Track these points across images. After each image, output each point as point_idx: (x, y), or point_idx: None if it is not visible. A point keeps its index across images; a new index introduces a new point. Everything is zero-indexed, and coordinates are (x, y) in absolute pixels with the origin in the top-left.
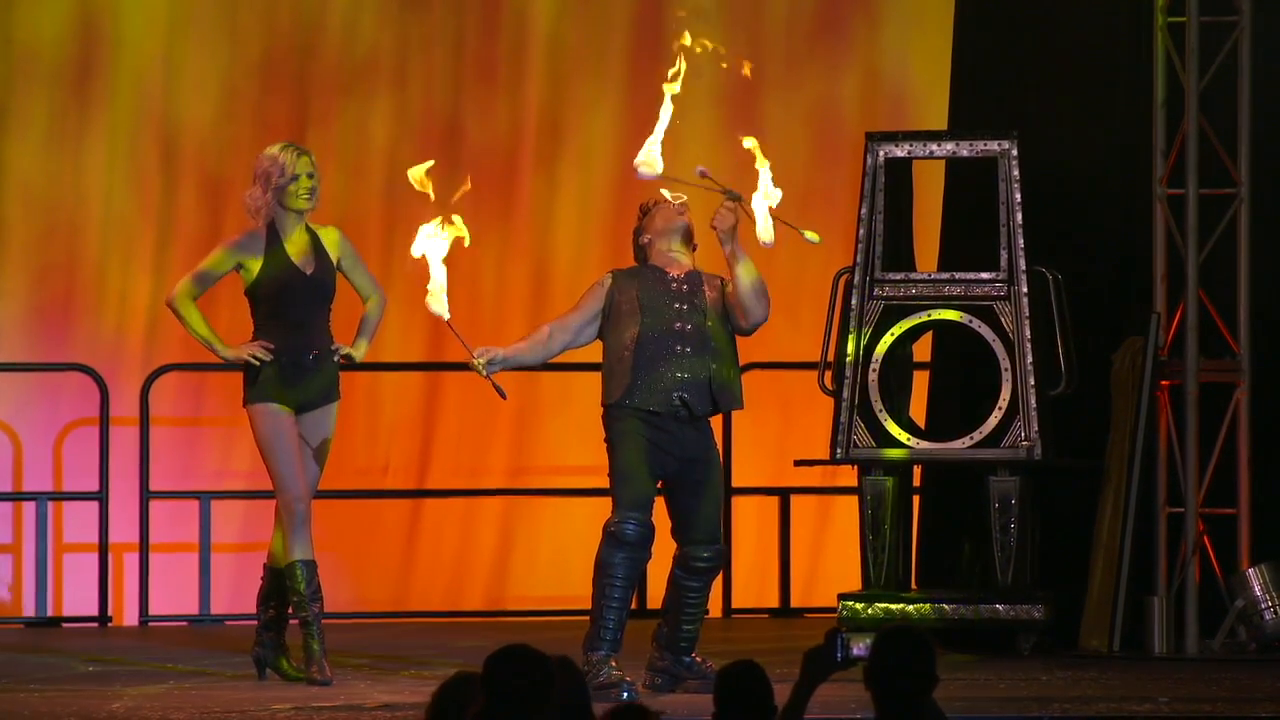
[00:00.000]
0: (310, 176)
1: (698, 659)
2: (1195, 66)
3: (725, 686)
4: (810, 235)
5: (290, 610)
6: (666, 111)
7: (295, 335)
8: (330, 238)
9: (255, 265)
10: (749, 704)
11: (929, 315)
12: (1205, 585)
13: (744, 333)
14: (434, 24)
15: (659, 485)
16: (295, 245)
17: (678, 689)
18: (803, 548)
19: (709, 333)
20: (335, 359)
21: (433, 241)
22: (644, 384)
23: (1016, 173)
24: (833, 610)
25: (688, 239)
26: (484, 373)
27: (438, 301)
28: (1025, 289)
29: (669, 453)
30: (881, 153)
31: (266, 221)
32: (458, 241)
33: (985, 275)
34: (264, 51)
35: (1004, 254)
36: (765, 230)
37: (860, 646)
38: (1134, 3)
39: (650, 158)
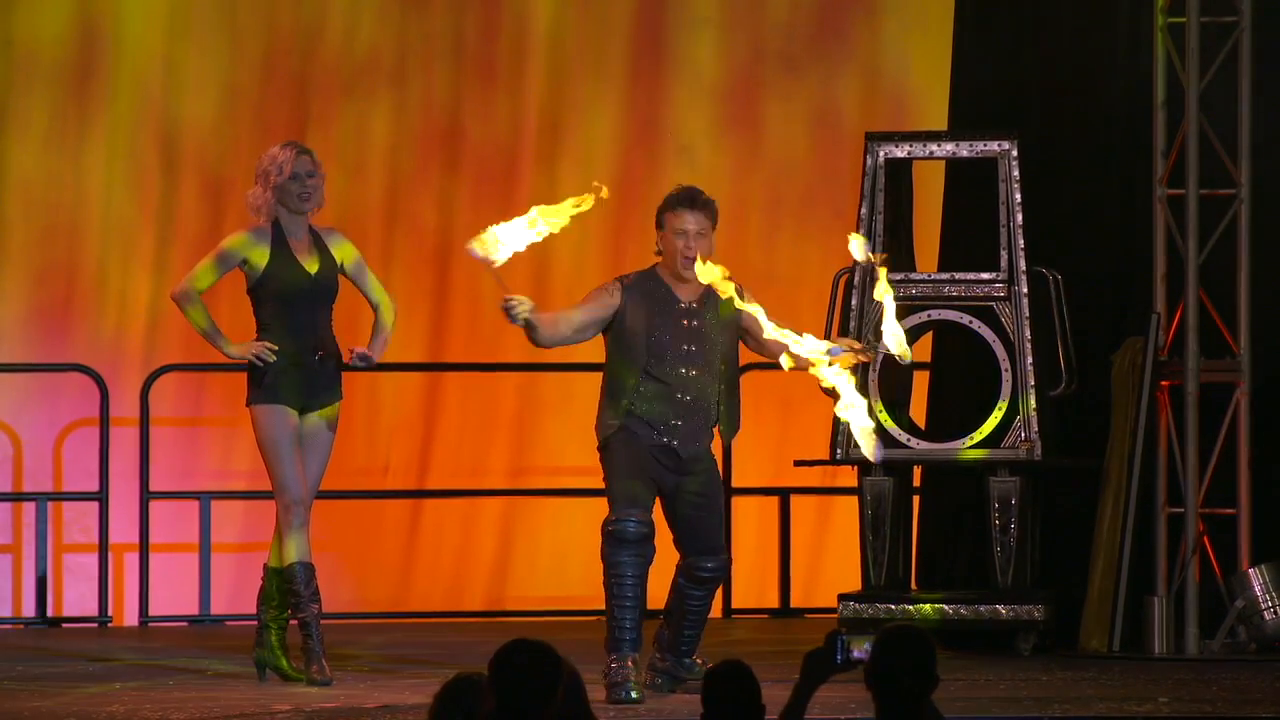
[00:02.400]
0: (311, 176)
1: (698, 660)
2: (1195, 67)
3: (713, 687)
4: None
5: (290, 611)
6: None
7: (299, 336)
8: (335, 243)
9: (261, 262)
10: (737, 704)
11: (929, 315)
12: (1205, 585)
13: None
14: (434, 24)
15: (655, 497)
16: (299, 245)
17: (678, 689)
18: (803, 548)
19: (714, 370)
20: (356, 359)
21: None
22: (643, 427)
23: (1016, 173)
24: (833, 610)
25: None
26: (518, 318)
27: (492, 246)
28: (1025, 289)
29: (665, 466)
30: (881, 153)
31: (269, 221)
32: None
33: (985, 276)
34: (264, 51)
35: (1004, 254)
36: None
37: (860, 649)
38: (1134, 3)
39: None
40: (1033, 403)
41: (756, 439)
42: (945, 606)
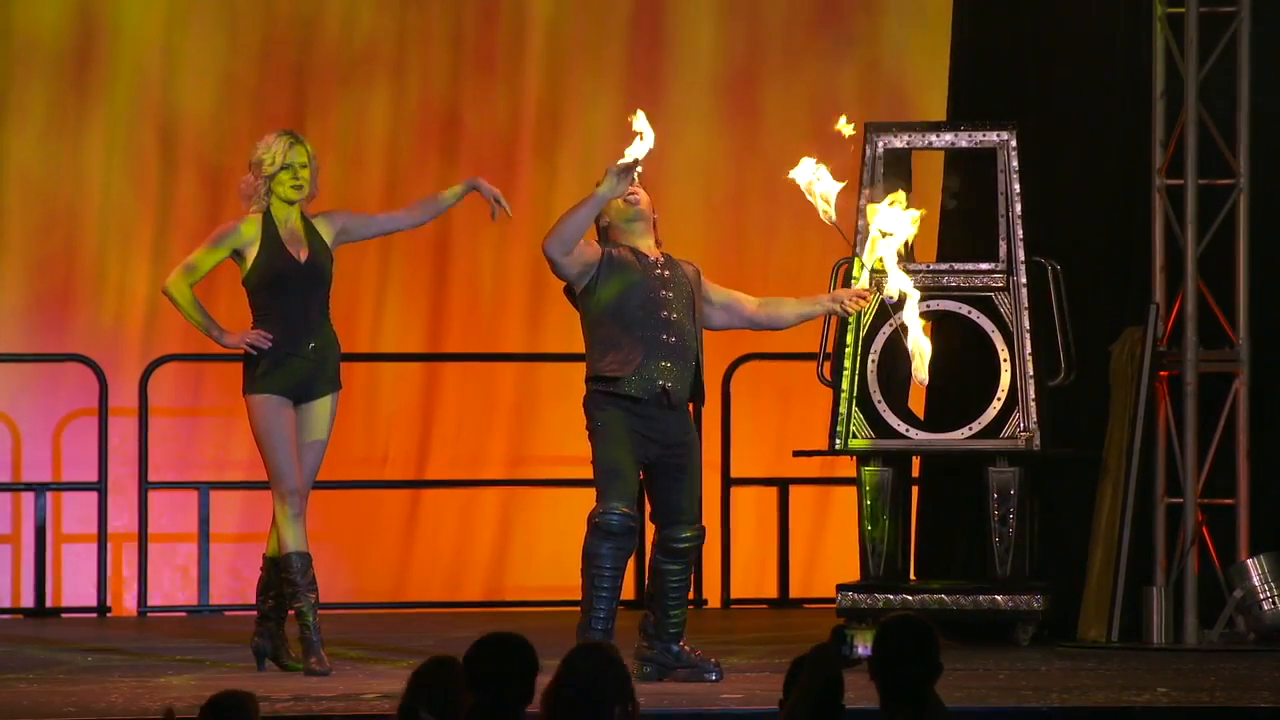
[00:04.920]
0: (305, 167)
1: (686, 647)
2: (1194, 57)
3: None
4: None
5: (287, 601)
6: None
7: (292, 325)
8: (326, 223)
9: (251, 253)
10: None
11: (928, 306)
12: (1204, 576)
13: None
14: (433, 14)
15: (640, 473)
16: (289, 233)
17: (666, 678)
18: (801, 538)
19: (687, 322)
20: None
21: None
22: (635, 371)
23: (1015, 163)
24: (831, 601)
25: (650, 228)
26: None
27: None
28: (1024, 279)
29: (651, 439)
30: (880, 143)
31: (261, 209)
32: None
33: (984, 266)
34: (263, 41)
35: (1003, 244)
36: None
37: (864, 645)
38: None
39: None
40: (1032, 393)
41: (755, 429)
42: (944, 596)
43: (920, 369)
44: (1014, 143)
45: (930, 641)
